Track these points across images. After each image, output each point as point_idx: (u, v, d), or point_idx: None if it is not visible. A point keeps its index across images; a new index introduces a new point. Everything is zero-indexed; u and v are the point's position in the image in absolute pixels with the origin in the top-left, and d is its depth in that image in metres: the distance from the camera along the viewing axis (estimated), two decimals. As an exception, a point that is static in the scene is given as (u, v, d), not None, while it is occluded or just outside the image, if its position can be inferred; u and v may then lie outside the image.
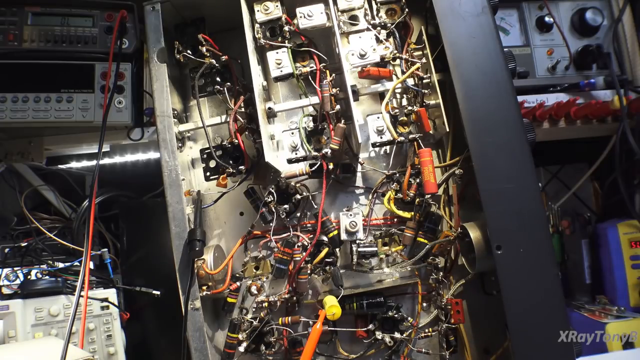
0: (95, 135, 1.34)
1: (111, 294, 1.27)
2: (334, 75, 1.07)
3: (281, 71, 1.05)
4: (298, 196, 1.09)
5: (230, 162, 1.11)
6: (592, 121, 1.29)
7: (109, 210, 1.59)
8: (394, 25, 1.10)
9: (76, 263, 1.30)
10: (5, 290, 1.20)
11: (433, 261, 1.08)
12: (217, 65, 1.13)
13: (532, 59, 1.35)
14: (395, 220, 1.12)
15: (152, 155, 1.67)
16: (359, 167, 1.14)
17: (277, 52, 1.06)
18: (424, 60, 1.08)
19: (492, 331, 1.05)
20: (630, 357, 1.09)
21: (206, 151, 1.13)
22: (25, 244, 1.38)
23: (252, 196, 1.13)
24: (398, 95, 1.17)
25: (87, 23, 1.31)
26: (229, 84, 1.12)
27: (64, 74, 1.31)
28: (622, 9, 1.35)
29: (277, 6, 1.07)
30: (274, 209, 1.08)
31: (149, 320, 1.45)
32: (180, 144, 1.15)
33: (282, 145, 1.08)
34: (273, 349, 1.07)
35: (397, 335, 1.05)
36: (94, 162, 1.30)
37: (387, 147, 1.16)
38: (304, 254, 1.05)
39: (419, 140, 1.04)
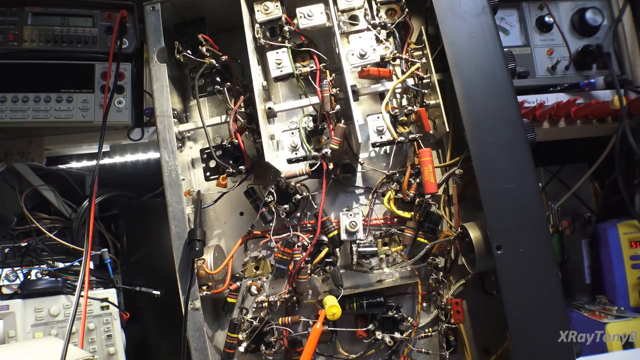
0: (95, 135, 1.35)
1: (111, 294, 1.27)
2: (334, 75, 1.07)
3: (281, 71, 1.05)
4: (298, 196, 1.09)
5: (230, 162, 1.11)
6: (592, 121, 1.29)
7: (109, 210, 1.59)
8: (394, 25, 1.10)
9: (76, 263, 1.30)
10: (5, 290, 1.20)
11: (433, 261, 1.08)
12: (217, 65, 1.13)
13: (532, 59, 1.35)
14: (395, 220, 1.12)
15: (152, 155, 1.67)
16: (359, 167, 1.14)
17: (277, 52, 1.06)
18: (424, 60, 1.08)
19: (492, 331, 1.05)
20: (630, 357, 1.09)
21: (206, 151, 1.13)
22: (25, 244, 1.39)
23: (252, 196, 1.13)
24: (398, 95, 1.17)
25: (87, 23, 1.32)
26: (229, 84, 1.12)
27: (64, 74, 1.31)
28: (622, 9, 1.34)
29: (277, 6, 1.07)
30: (274, 209, 1.08)
31: (149, 320, 1.45)
32: (180, 144, 1.15)
33: (282, 145, 1.08)
34: (273, 349, 1.07)
35: (397, 335, 1.05)
36: (94, 162, 1.30)
37: (387, 147, 1.16)
38: (304, 254, 1.05)
39: (419, 140, 1.04)
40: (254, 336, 1.05)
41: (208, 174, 1.13)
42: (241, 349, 1.04)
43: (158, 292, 1.29)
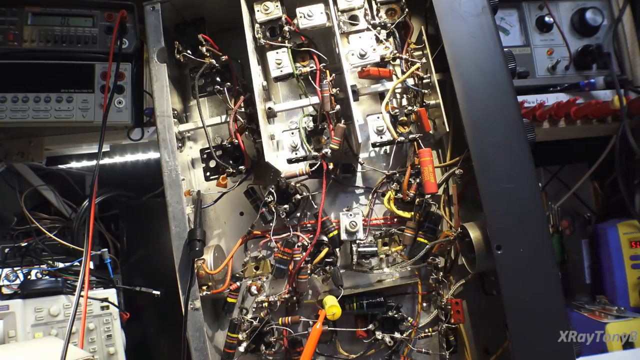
0: (95, 135, 1.34)
1: (111, 294, 1.27)
2: (334, 75, 1.06)
3: (281, 71, 1.05)
4: (298, 196, 1.09)
5: (230, 162, 1.11)
6: (592, 121, 1.30)
7: (109, 210, 1.59)
8: (394, 25, 1.10)
9: (76, 263, 1.30)
10: (5, 290, 1.20)
11: (433, 261, 1.08)
12: (217, 65, 1.12)
13: (532, 59, 1.35)
14: (395, 220, 1.12)
15: (152, 155, 1.67)
16: (359, 167, 1.14)
17: (277, 52, 1.06)
18: (424, 60, 1.08)
19: (492, 331, 1.05)
20: (630, 357, 1.09)
21: (206, 151, 1.13)
22: (25, 244, 1.38)
23: (252, 196, 1.13)
24: (398, 95, 1.17)
25: (87, 23, 1.32)
26: (229, 84, 1.12)
27: (64, 74, 1.31)
28: (622, 9, 1.35)
29: (277, 6, 1.07)
30: (274, 209, 1.08)
31: (149, 320, 1.45)
32: (180, 144, 1.15)
33: (282, 145, 1.08)
34: (273, 349, 1.07)
35: (397, 335, 1.05)
36: (94, 162, 1.30)
37: (387, 147, 1.16)
38: (304, 254, 1.04)
39: (419, 140, 1.04)
40: (254, 336, 1.05)
41: (208, 174, 1.13)
42: (241, 349, 1.04)
43: (158, 292, 1.29)
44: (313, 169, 1.03)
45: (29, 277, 1.24)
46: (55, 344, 1.01)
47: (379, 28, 1.09)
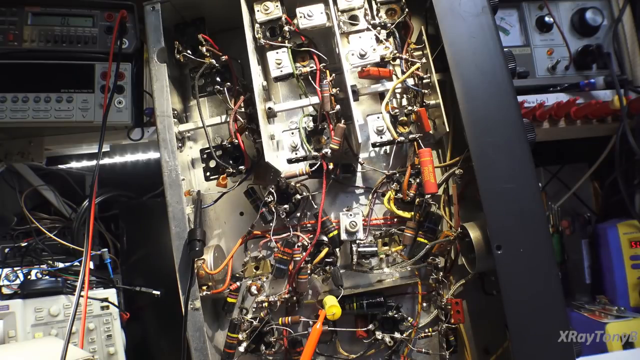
0: (95, 135, 1.35)
1: (111, 294, 1.27)
2: (334, 75, 1.06)
3: (281, 71, 1.05)
4: (298, 196, 1.09)
5: (230, 162, 1.11)
6: (592, 121, 1.30)
7: (109, 210, 1.59)
8: (394, 25, 1.10)
9: (76, 263, 1.30)
10: (5, 290, 1.20)
11: (433, 261, 1.08)
12: (217, 65, 1.13)
13: (532, 59, 1.35)
14: (395, 220, 1.12)
15: (152, 155, 1.68)
16: (359, 167, 1.14)
17: (277, 52, 1.06)
18: (424, 60, 1.08)
19: (492, 331, 1.05)
20: (630, 357, 1.09)
21: (206, 151, 1.13)
22: (25, 244, 1.39)
23: (252, 196, 1.13)
24: (398, 95, 1.17)
25: (87, 23, 1.32)
26: (229, 84, 1.12)
27: (64, 74, 1.31)
28: (622, 9, 1.35)
29: (277, 6, 1.07)
30: (274, 209, 1.08)
31: (149, 320, 1.45)
32: (180, 144, 1.15)
33: (282, 145, 1.08)
34: (273, 349, 1.07)
35: (397, 335, 1.05)
36: (94, 162, 1.30)
37: (387, 147, 1.16)
38: (304, 254, 1.04)
39: (419, 140, 1.04)
40: (254, 336, 1.05)
41: (208, 174, 1.13)
42: (241, 349, 1.04)
43: (158, 292, 1.29)
44: (313, 169, 1.03)
45: (29, 277, 1.24)
46: (55, 344, 1.01)
47: (379, 28, 1.09)
